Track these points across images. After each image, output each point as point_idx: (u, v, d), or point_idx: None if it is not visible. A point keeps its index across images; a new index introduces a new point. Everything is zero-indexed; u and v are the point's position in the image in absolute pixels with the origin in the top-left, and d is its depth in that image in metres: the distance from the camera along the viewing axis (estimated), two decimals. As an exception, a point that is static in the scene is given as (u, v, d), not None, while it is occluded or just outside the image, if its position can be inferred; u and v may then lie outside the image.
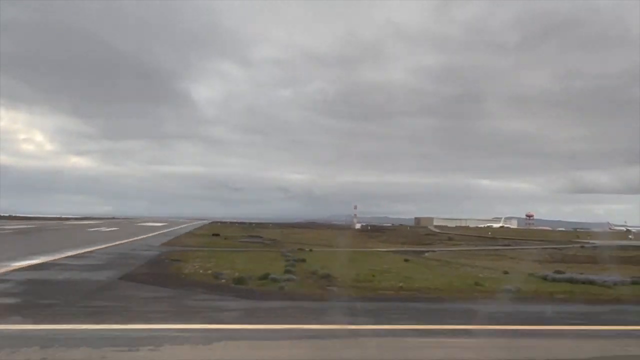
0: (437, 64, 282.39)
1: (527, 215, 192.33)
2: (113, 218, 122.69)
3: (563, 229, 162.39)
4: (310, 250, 30.19)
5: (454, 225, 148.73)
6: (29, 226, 48.33)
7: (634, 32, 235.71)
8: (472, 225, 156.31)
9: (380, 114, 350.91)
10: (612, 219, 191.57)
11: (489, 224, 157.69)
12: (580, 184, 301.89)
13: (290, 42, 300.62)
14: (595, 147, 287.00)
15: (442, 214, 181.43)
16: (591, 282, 16.25)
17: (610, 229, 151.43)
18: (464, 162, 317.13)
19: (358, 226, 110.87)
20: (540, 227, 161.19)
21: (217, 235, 48.08)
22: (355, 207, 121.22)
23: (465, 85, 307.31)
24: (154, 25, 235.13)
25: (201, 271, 15.92)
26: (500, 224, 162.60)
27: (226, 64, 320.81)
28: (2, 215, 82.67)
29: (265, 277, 14.41)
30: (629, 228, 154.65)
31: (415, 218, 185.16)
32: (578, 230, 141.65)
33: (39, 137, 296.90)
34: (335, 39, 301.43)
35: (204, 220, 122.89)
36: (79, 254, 19.83)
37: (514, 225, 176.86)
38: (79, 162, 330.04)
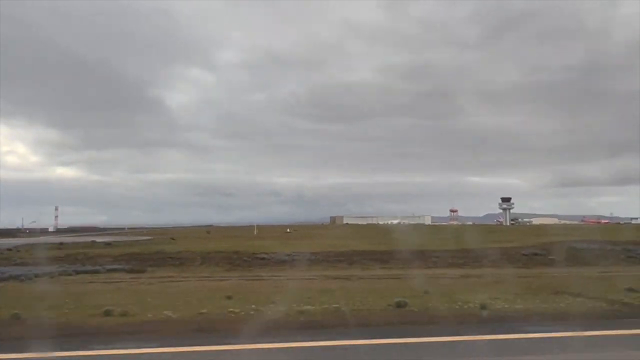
0: (402, 63, 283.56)
1: (450, 211, 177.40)
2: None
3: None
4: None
5: (365, 224, 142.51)
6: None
7: (589, 23, 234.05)
8: (381, 222, 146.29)
9: (355, 115, 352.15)
10: (605, 211, 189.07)
11: (391, 221, 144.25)
12: (568, 177, 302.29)
13: (253, 45, 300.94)
14: (576, 140, 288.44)
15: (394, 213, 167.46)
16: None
17: (498, 221, 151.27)
18: (450, 160, 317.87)
19: None
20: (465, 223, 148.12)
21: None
22: None
23: (435, 83, 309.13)
24: (115, 33, 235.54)
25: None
26: (398, 221, 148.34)
27: (193, 69, 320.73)
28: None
29: None
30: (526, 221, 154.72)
31: (331, 217, 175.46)
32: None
33: (21, 149, 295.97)
34: (296, 40, 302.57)
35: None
36: None
37: (427, 221, 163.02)
38: (65, 173, 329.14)
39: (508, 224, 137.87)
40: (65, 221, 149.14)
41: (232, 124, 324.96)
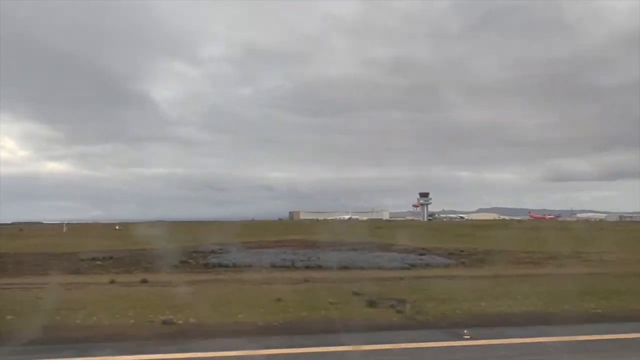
0: (386, 57, 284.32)
1: (413, 205, 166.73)
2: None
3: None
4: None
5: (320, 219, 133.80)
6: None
7: (569, 16, 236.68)
8: (330, 218, 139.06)
9: (343, 109, 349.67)
10: (595, 206, 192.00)
11: (341, 217, 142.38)
12: (558, 172, 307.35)
13: (236, 39, 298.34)
14: (564, 135, 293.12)
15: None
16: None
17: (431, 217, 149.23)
18: (441, 155, 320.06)
19: None
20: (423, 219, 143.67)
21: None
22: None
23: (420, 77, 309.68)
24: (97, 26, 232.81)
25: None
26: (349, 216, 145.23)
27: (177, 63, 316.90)
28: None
29: None
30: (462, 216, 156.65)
31: (290, 212, 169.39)
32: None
33: (10, 143, 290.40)
34: (279, 34, 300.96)
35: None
36: None
37: (385, 216, 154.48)
38: (56, 168, 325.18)
39: (425, 219, 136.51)
40: (58, 216, 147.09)
41: (219, 118, 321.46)
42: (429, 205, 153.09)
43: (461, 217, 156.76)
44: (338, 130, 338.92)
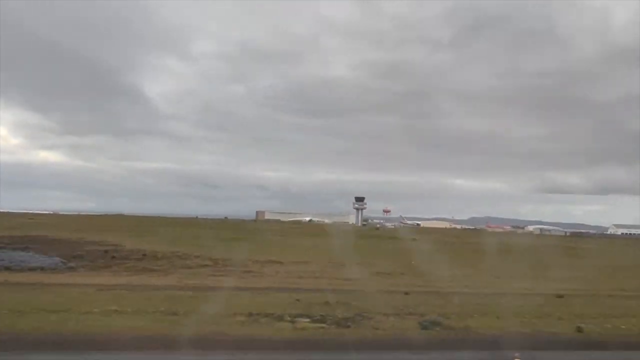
0: (378, 60, 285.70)
1: (384, 211, 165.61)
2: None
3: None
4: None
5: (288, 220, 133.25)
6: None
7: (559, 30, 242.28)
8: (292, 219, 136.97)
9: (334, 111, 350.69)
10: (590, 220, 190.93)
11: (300, 219, 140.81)
12: (551, 184, 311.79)
13: (228, 37, 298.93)
14: (557, 147, 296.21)
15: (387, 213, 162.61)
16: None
17: (402, 223, 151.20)
18: (434, 162, 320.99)
19: None
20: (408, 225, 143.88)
21: None
22: None
23: (412, 82, 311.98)
24: (88, 18, 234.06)
25: None
26: (309, 219, 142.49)
27: (169, 59, 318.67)
28: None
29: None
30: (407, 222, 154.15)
31: (257, 211, 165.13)
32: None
33: (2, 130, 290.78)
34: (272, 34, 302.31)
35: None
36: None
37: (351, 220, 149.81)
38: (48, 157, 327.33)
39: (359, 224, 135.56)
40: (50, 206, 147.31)
41: (212, 115, 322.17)
42: (368, 209, 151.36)
43: (417, 224, 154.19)
44: (331, 132, 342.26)
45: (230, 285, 21.34)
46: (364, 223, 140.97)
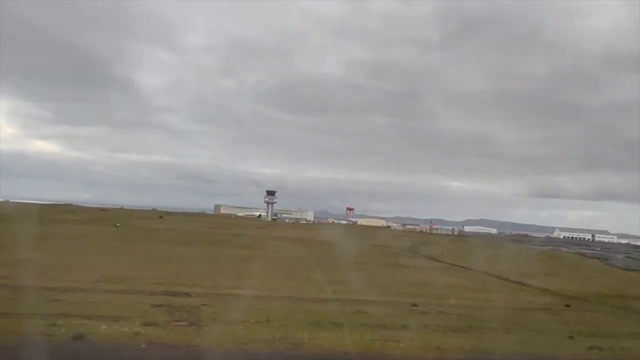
0: (367, 59, 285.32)
1: (347, 209, 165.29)
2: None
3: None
4: None
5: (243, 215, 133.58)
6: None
7: (547, 34, 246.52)
8: (240, 213, 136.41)
9: (325, 109, 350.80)
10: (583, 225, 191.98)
11: (252, 214, 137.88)
12: (546, 188, 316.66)
13: (218, 31, 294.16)
14: (551, 152, 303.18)
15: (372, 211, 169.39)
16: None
17: (347, 220, 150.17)
18: (429, 163, 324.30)
19: None
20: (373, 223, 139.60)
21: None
22: None
23: (402, 83, 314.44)
24: (81, 9, 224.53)
25: None
26: (259, 214, 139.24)
27: (161, 51, 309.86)
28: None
29: None
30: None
31: (215, 205, 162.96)
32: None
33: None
34: (262, 29, 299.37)
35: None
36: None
37: (310, 217, 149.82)
38: (44, 147, 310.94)
39: (270, 218, 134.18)
40: (48, 196, 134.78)
41: (204, 109, 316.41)
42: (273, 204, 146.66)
43: (354, 221, 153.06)
44: (321, 130, 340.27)
45: None
46: (274, 218, 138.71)
